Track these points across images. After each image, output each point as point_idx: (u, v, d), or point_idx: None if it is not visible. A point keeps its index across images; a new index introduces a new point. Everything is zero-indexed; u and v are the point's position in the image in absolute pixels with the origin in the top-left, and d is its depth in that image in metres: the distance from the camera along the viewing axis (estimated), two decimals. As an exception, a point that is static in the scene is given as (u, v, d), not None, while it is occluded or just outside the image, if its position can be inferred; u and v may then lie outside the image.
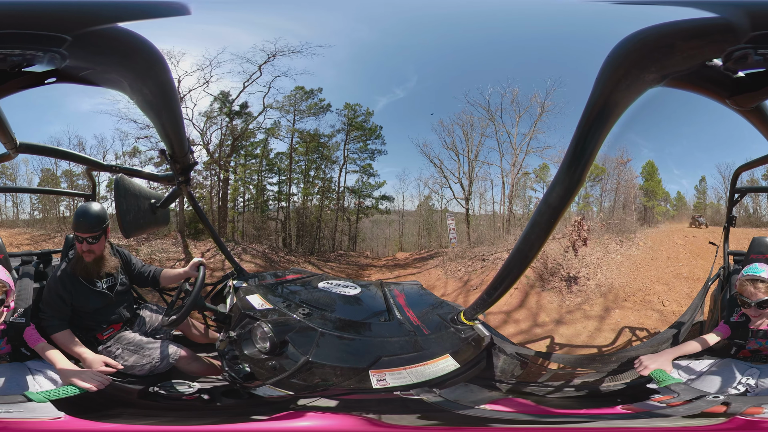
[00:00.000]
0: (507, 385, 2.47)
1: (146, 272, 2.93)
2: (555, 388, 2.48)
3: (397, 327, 2.51)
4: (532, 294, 8.90)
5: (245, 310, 2.42)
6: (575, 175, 1.26)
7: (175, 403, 2.29)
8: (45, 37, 1.00)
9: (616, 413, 2.03)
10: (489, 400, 2.22)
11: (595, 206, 12.67)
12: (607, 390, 2.45)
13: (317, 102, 12.38)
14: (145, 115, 1.52)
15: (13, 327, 2.33)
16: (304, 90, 12.13)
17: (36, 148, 2.58)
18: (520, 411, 2.12)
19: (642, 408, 2.06)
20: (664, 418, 1.89)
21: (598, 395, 2.42)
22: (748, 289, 2.24)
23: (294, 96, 12.10)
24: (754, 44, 0.85)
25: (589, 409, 2.17)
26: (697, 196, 13.73)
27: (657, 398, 2.07)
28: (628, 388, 2.39)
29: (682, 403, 1.90)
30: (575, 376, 2.66)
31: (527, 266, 1.71)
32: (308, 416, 1.94)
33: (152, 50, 1.14)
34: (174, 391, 2.32)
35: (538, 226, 1.48)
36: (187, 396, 2.31)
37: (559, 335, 7.55)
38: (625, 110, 1.11)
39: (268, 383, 2.11)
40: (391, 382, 2.12)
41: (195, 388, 2.35)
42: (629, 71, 0.99)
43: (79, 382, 2.04)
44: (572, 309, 8.50)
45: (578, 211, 12.14)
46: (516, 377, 2.56)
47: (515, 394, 2.35)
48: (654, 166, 13.24)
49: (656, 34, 0.91)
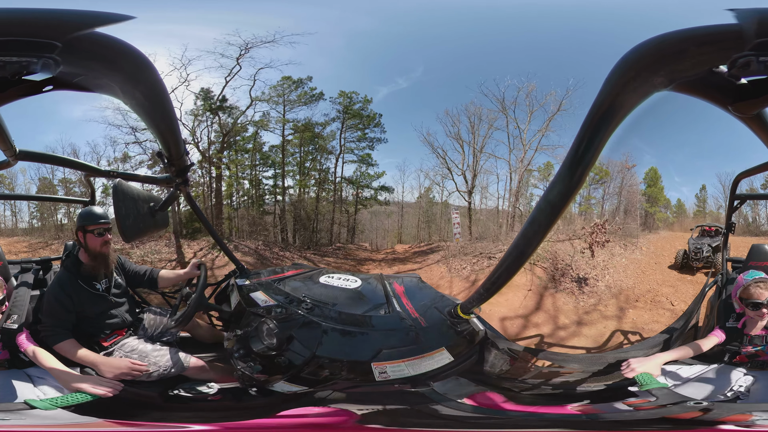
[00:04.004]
0: (492, 379, 2.50)
1: (141, 272, 2.93)
2: (533, 386, 2.52)
3: (396, 319, 2.54)
4: (546, 295, 8.93)
5: (250, 308, 2.44)
6: (577, 174, 1.27)
7: (201, 404, 2.33)
8: (37, 43, 1.02)
9: (563, 413, 2.05)
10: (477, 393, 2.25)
11: (596, 209, 12.64)
12: (583, 390, 2.47)
13: (307, 91, 11.99)
14: (140, 118, 1.53)
15: (5, 333, 2.33)
16: (292, 80, 11.78)
17: (35, 156, 2.60)
18: (480, 405, 2.15)
19: (596, 410, 2.07)
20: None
21: (571, 395, 2.43)
22: (757, 291, 2.32)
23: (281, 86, 11.82)
24: (757, 51, 0.86)
25: (540, 407, 2.19)
26: (697, 205, 13.71)
27: (629, 401, 2.08)
28: (606, 390, 2.40)
29: (654, 407, 1.88)
30: (559, 375, 2.69)
31: (524, 262, 1.73)
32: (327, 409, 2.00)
33: (136, 54, 1.15)
34: (196, 392, 2.35)
35: (536, 223, 1.49)
36: (212, 396, 2.34)
37: (585, 336, 7.60)
38: (629, 113, 1.12)
39: (284, 379, 2.14)
40: (392, 374, 2.15)
41: (215, 389, 2.38)
42: (639, 74, 1.00)
43: (90, 389, 2.04)
44: (588, 309, 8.57)
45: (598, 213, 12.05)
46: (503, 372, 2.59)
47: (494, 388, 2.37)
48: (657, 173, 13.21)
49: (673, 40, 0.92)
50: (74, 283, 2.54)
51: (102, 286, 2.65)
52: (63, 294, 2.48)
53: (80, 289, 2.55)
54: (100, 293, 2.62)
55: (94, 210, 2.68)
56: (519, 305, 8.38)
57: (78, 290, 2.54)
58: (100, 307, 2.60)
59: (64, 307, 2.46)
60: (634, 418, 1.92)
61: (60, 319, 2.44)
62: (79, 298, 2.52)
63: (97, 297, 2.60)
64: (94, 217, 2.64)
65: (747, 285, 2.37)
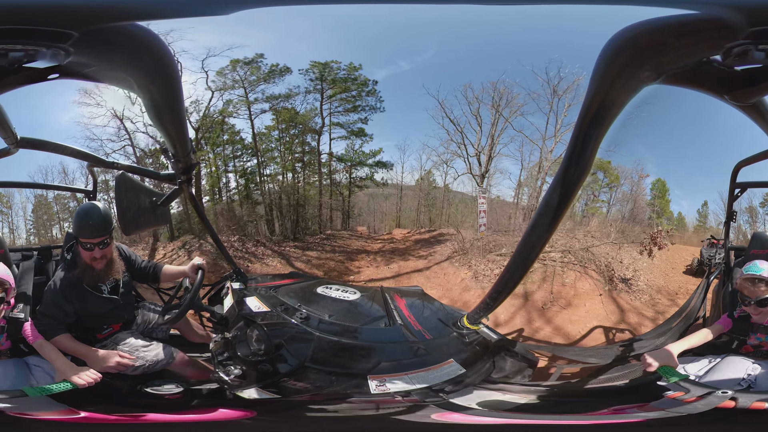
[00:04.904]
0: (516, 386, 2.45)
1: (147, 267, 2.85)
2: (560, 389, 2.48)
3: (398, 332, 2.50)
4: (618, 298, 8.84)
5: (242, 313, 2.41)
6: (575, 175, 1.25)
7: (156, 401, 2.31)
8: (51, 33, 0.99)
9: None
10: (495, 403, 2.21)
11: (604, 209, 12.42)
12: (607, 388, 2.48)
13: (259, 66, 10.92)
14: (150, 113, 1.50)
15: (12, 323, 2.34)
16: (241, 61, 10.74)
17: (37, 143, 2.54)
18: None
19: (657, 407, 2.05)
20: None
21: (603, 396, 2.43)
22: (748, 288, 2.28)
23: (232, 70, 10.81)
24: (753, 40, 0.84)
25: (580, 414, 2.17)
26: (698, 220, 13.84)
27: (671, 395, 2.07)
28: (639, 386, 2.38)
29: (695, 399, 1.90)
30: (582, 376, 2.64)
31: (529, 268, 1.70)
32: None
33: (163, 49, 1.13)
34: (160, 390, 2.34)
35: (539, 228, 1.47)
36: (170, 395, 2.32)
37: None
38: (622, 109, 1.10)
39: (257, 386, 2.11)
40: (391, 387, 2.11)
41: (181, 389, 2.35)
42: (623, 70, 0.99)
43: (74, 379, 2.14)
44: (655, 304, 8.49)
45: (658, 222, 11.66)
46: (527, 378, 2.54)
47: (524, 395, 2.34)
48: (665, 185, 13.35)
49: (645, 32, 0.90)
50: (77, 289, 2.42)
51: (108, 287, 2.54)
52: (64, 300, 2.39)
53: (84, 294, 2.44)
54: (106, 296, 2.52)
55: (90, 213, 2.37)
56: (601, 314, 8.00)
57: (81, 295, 2.43)
58: (105, 308, 2.53)
59: (62, 311, 2.39)
60: (697, 410, 1.91)
61: (56, 319, 2.40)
62: (82, 303, 2.43)
63: (102, 300, 2.50)
64: (84, 227, 2.35)
65: (739, 279, 2.35)
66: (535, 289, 8.05)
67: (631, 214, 12.58)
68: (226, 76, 10.67)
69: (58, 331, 2.38)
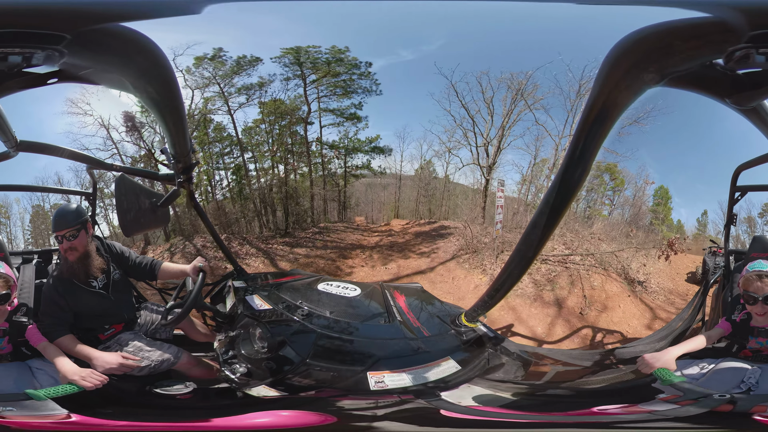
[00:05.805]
0: (510, 385, 2.47)
1: (143, 263, 2.84)
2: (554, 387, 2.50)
3: (397, 329, 2.51)
4: (644, 298, 8.85)
5: (244, 311, 2.43)
6: (576, 175, 1.25)
7: (169, 402, 2.31)
8: (44, 35, 1.00)
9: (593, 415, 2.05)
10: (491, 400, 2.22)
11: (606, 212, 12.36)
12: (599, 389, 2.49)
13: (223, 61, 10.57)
14: (150, 112, 1.54)
15: (15, 326, 2.35)
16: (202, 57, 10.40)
17: (36, 146, 2.55)
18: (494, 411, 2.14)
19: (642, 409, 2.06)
20: None
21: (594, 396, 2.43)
22: (755, 284, 2.24)
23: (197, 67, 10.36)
24: (754, 43, 0.85)
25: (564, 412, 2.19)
26: (698, 228, 13.90)
27: (664, 397, 2.08)
28: (625, 389, 2.40)
29: (690, 402, 1.90)
30: (576, 376, 2.66)
31: (528, 267, 1.71)
32: (289, 414, 2.00)
33: (155, 49, 1.14)
34: (169, 390, 2.34)
35: (538, 227, 1.48)
36: (182, 395, 2.32)
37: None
38: (624, 110, 1.11)
39: (264, 383, 2.12)
40: (390, 384, 2.12)
41: (191, 388, 2.35)
42: (628, 71, 1.00)
43: (80, 381, 2.11)
44: (674, 302, 8.49)
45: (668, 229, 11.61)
46: (520, 378, 2.56)
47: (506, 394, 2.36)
48: (667, 193, 13.32)
49: (653, 35, 0.91)
50: (67, 283, 2.48)
51: (99, 283, 2.57)
52: (57, 294, 2.45)
53: (75, 288, 2.49)
54: (97, 291, 2.55)
55: (60, 211, 2.54)
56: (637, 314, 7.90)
57: (72, 289, 2.48)
58: (99, 304, 2.55)
59: (58, 307, 2.44)
60: (687, 414, 1.92)
61: (56, 317, 2.43)
62: (74, 298, 2.48)
63: (93, 294, 2.53)
64: (54, 222, 2.52)
65: (745, 276, 2.32)
66: (566, 295, 7.55)
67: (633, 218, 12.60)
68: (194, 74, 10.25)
69: (61, 333, 2.39)
